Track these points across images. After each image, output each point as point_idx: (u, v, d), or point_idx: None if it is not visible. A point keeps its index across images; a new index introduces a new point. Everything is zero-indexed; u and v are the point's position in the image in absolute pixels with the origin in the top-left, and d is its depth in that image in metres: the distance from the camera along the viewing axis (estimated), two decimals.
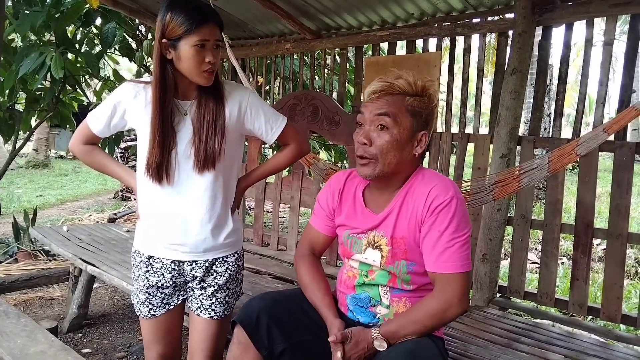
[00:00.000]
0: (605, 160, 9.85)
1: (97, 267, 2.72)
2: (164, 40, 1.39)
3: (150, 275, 1.56)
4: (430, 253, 1.31)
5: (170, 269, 1.55)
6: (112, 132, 1.58)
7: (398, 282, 1.39)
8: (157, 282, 1.55)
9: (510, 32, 2.57)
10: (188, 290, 1.59)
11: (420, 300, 1.35)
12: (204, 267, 1.54)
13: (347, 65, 3.64)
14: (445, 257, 1.28)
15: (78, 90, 5.04)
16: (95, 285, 3.37)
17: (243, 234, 3.63)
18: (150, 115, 1.44)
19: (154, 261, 1.55)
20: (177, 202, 1.50)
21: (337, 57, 3.46)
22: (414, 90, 1.34)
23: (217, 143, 1.46)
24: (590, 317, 2.51)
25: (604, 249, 4.12)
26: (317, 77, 4.16)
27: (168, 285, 1.56)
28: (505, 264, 3.44)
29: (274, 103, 3.65)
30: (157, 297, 1.56)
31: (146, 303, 1.57)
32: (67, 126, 5.18)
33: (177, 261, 1.54)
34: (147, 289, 1.56)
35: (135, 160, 8.13)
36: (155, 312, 1.57)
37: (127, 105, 1.51)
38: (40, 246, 4.34)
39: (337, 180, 1.54)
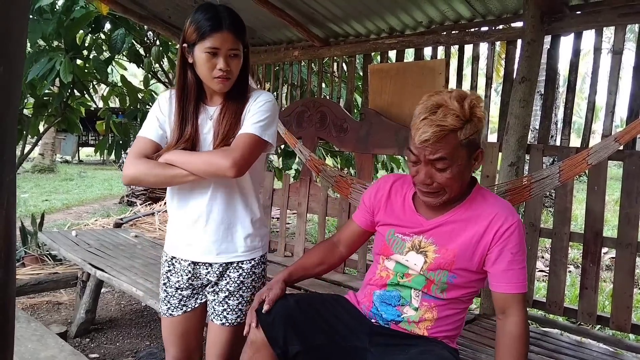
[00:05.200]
0: (612, 169, 9.83)
1: (106, 272, 2.73)
2: (184, 45, 1.44)
3: (171, 275, 1.59)
4: (502, 275, 1.35)
5: (187, 271, 1.57)
6: (162, 142, 1.52)
7: (433, 289, 1.40)
8: (175, 283, 1.58)
9: (519, 41, 2.57)
10: (206, 294, 1.61)
11: (503, 334, 1.35)
12: (217, 272, 1.55)
13: (355, 73, 3.65)
14: (517, 278, 1.34)
15: (86, 95, 5.08)
16: (102, 290, 3.38)
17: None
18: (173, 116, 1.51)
19: (176, 262, 1.59)
20: (196, 202, 1.52)
21: (344, 65, 3.48)
22: (463, 120, 1.27)
23: None
24: (599, 326, 2.50)
25: (612, 257, 4.10)
26: (324, 85, 4.17)
27: (185, 287, 1.58)
28: None
29: (282, 110, 3.66)
30: (175, 298, 1.59)
31: (165, 302, 1.60)
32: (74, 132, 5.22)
33: (193, 263, 1.56)
34: (167, 288, 1.60)
35: None
36: (172, 312, 1.59)
37: (163, 113, 1.52)
38: (47, 250, 4.36)
39: (385, 181, 1.58)
